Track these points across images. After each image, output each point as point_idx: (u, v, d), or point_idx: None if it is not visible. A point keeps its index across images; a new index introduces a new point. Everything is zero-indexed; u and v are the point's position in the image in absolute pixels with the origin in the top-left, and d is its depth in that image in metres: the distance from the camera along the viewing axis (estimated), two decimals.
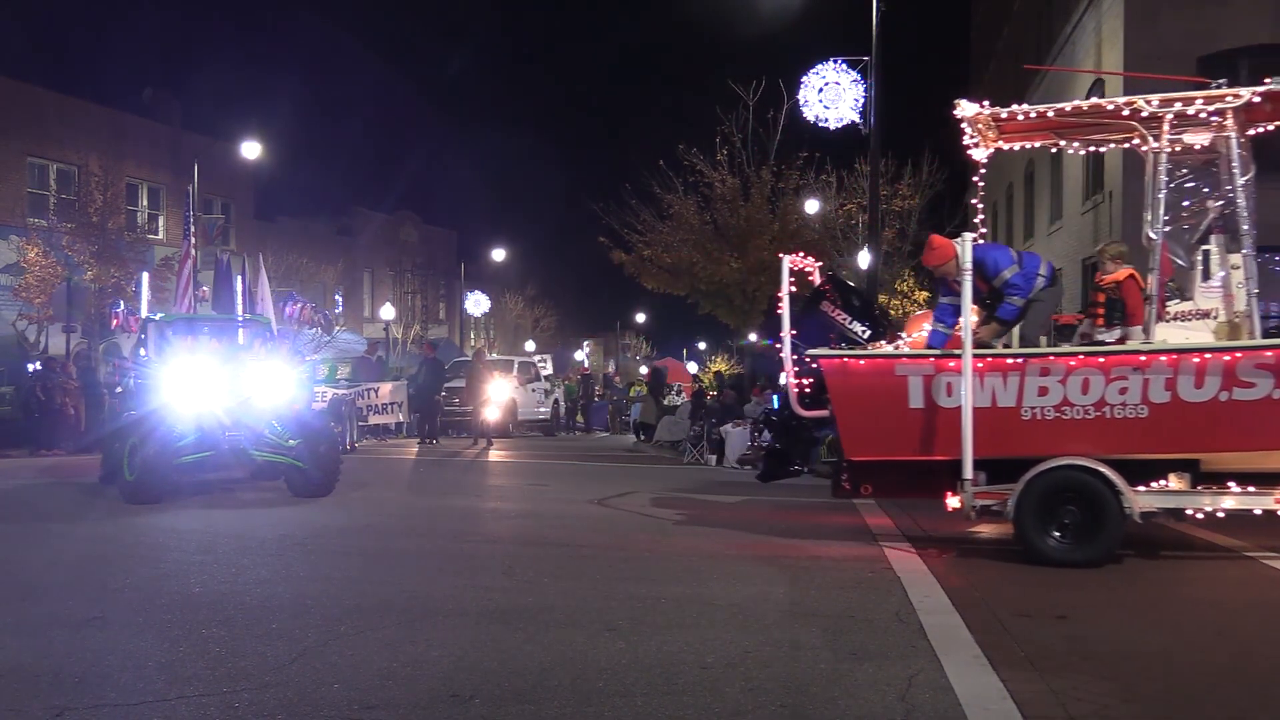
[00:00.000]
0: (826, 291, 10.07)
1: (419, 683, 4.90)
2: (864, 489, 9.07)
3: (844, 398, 8.66)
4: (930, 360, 8.49)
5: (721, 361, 64.62)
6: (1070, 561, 8.02)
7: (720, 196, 27.44)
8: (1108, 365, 8.12)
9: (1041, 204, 24.56)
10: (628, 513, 11.38)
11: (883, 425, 8.57)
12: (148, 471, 10.99)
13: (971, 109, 8.97)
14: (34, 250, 25.65)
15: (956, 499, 8.35)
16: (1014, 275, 8.76)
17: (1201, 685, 5.08)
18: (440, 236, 56.47)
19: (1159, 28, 17.29)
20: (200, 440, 11.49)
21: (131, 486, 11.12)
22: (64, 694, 4.69)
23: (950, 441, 8.23)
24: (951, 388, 8.29)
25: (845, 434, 8.77)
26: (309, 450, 11.86)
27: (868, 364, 8.72)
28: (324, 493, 11.83)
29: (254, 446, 11.87)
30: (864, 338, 9.70)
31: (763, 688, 4.87)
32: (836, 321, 9.81)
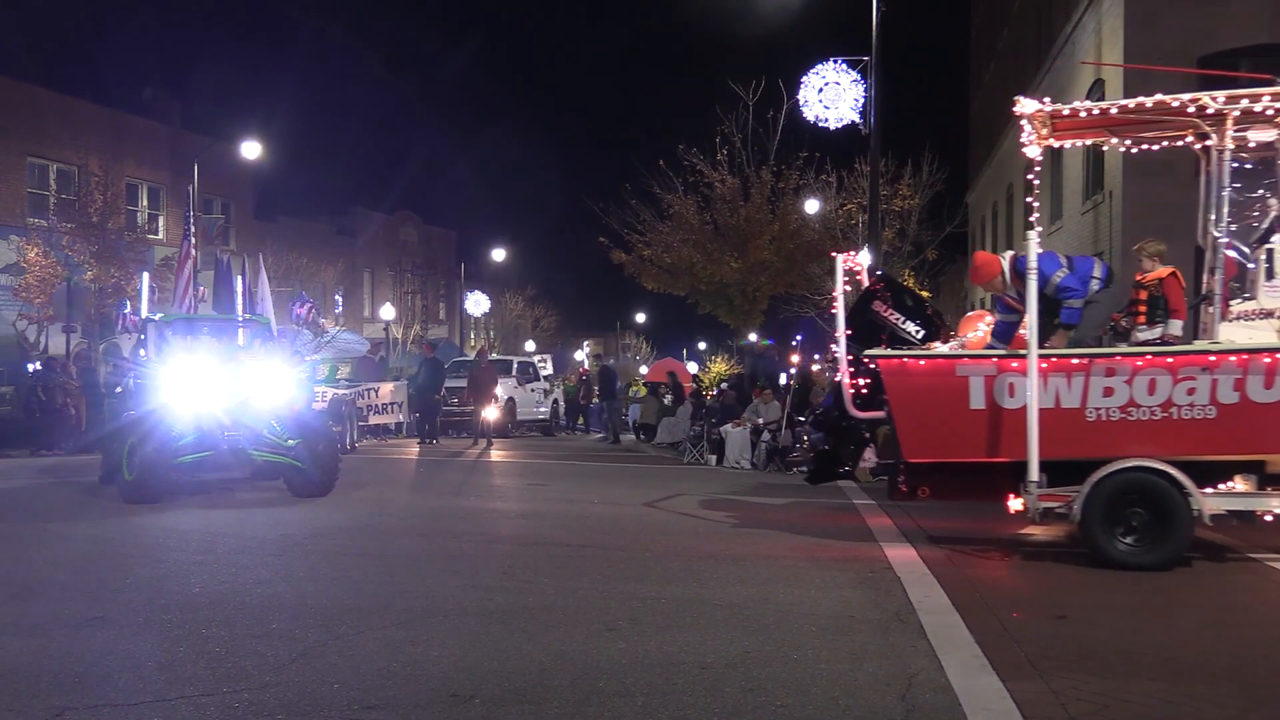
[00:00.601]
0: (878, 291, 9.86)
1: (419, 683, 4.90)
2: (921, 492, 8.89)
3: (903, 399, 8.52)
4: (993, 361, 8.36)
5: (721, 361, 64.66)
6: (1138, 565, 7.86)
7: (720, 196, 27.45)
8: (1176, 366, 7.99)
9: (1042, 204, 24.49)
10: (627, 513, 11.38)
11: (942, 427, 8.43)
12: (147, 471, 10.96)
13: (1031, 105, 8.73)
14: (34, 250, 25.65)
15: (1019, 501, 8.20)
16: (1064, 279, 8.61)
17: (1201, 685, 5.08)
18: (440, 236, 56.48)
19: (1159, 28, 17.28)
20: (199, 440, 11.45)
21: (131, 486, 11.09)
22: (64, 694, 4.69)
23: (1012, 443, 8.10)
24: (1014, 388, 8.16)
25: (903, 435, 8.61)
26: (308, 450, 11.82)
27: (928, 364, 8.57)
28: (323, 493, 11.79)
29: (253, 446, 11.83)
30: (918, 338, 9.51)
31: (763, 688, 4.86)
32: (889, 321, 9.63)
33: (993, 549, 9.29)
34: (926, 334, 9.58)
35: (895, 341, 9.43)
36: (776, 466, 16.59)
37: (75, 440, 18.67)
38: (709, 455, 18.24)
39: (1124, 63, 17.53)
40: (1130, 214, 17.32)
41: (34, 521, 10.30)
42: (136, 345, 14.15)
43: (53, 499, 12.29)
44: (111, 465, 11.94)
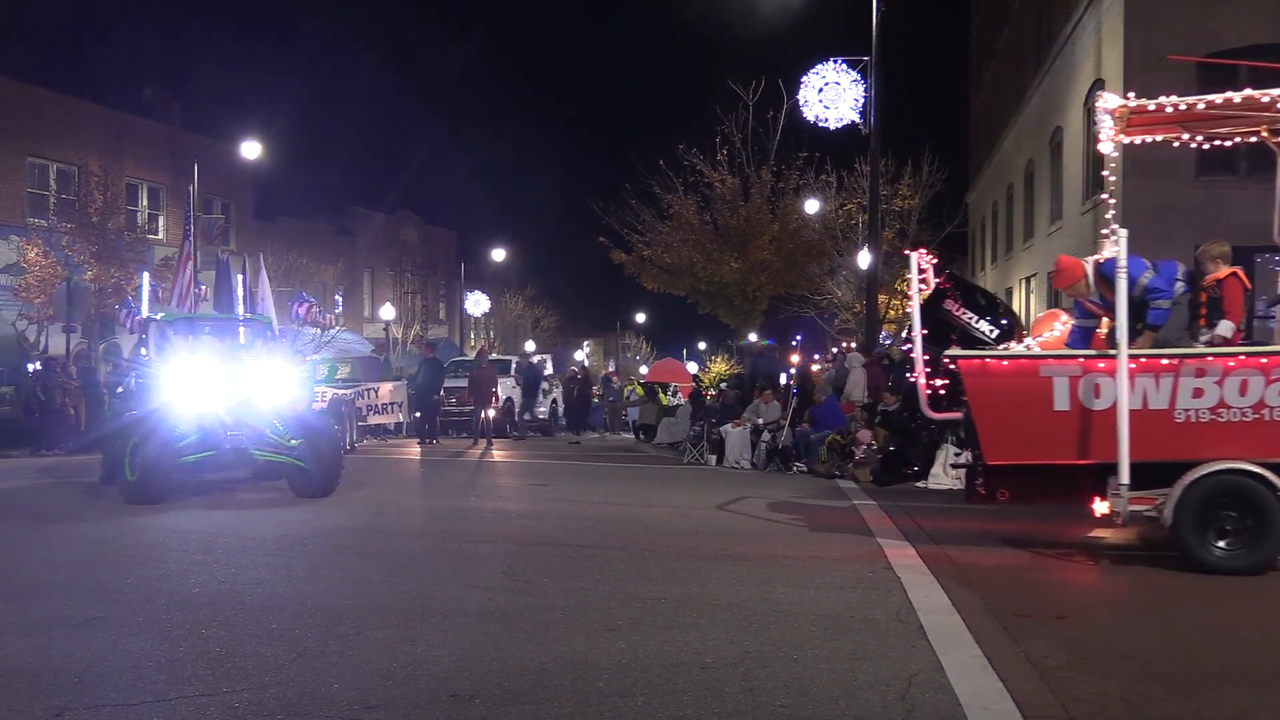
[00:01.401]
0: (948, 290, 9.66)
1: (419, 683, 4.90)
2: (1000, 494, 8.71)
3: (984, 400, 8.38)
4: (1078, 361, 8.24)
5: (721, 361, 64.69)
6: (1233, 569, 7.71)
7: (720, 196, 27.47)
8: (1269, 366, 7.86)
9: (1042, 204, 24.56)
10: (628, 513, 11.38)
11: (1024, 428, 8.29)
12: (149, 472, 10.90)
13: (1115, 100, 8.64)
14: (34, 250, 25.66)
15: (1105, 504, 8.09)
16: (1152, 280, 8.45)
17: (1201, 685, 5.08)
18: (440, 236, 56.48)
19: (1159, 28, 17.28)
20: (202, 440, 11.39)
21: (133, 487, 11.04)
22: (64, 694, 4.69)
23: (1098, 445, 8.00)
24: (1100, 389, 8.06)
25: (984, 437, 8.44)
26: (310, 450, 11.76)
27: (1010, 365, 8.44)
28: (325, 493, 11.75)
29: (255, 446, 11.78)
30: (992, 337, 9.33)
31: (763, 688, 4.86)
32: (960, 320, 9.44)
33: (993, 549, 9.29)
34: (1001, 333, 9.37)
35: (966, 341, 9.22)
36: (776, 466, 16.59)
37: (75, 440, 18.67)
38: (709, 455, 18.23)
39: (1124, 63, 17.54)
40: (1131, 214, 17.30)
41: (35, 522, 10.29)
42: (138, 345, 14.08)
43: (54, 499, 12.26)
44: (113, 465, 11.91)
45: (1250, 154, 17.47)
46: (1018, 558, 8.90)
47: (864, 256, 24.53)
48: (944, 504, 12.54)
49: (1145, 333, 8.44)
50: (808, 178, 27.95)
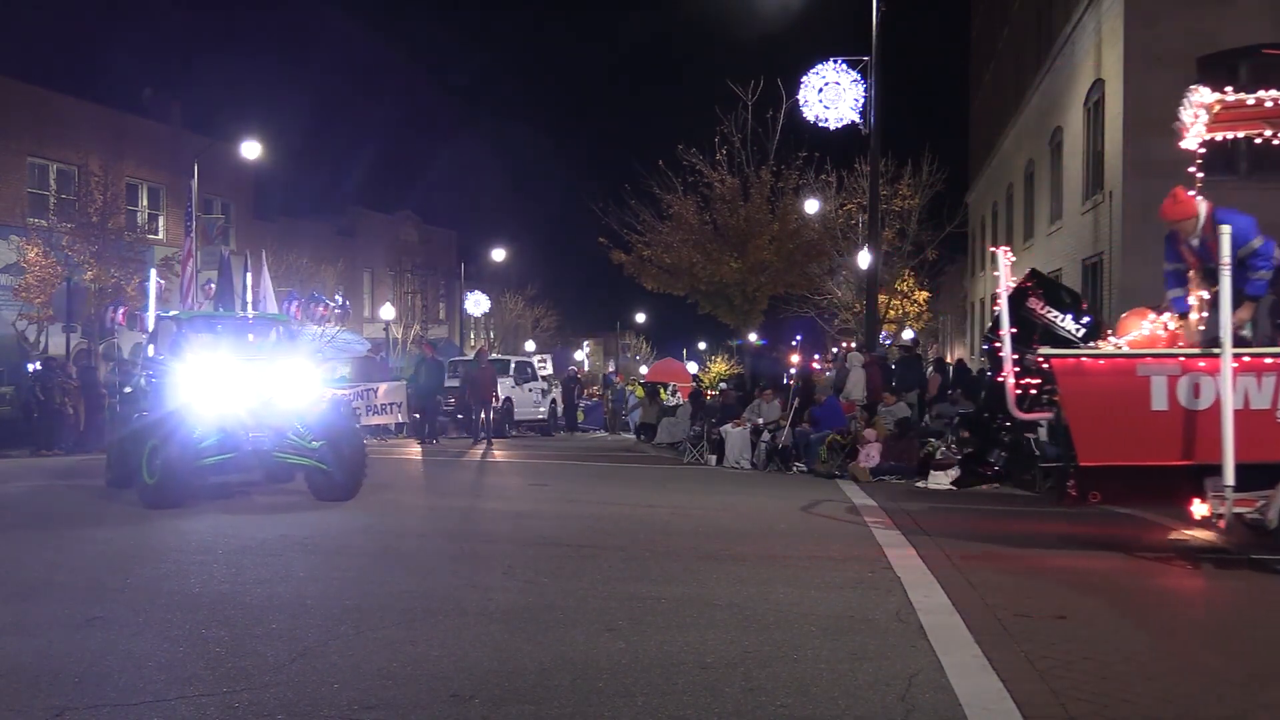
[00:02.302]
0: (1029, 288, 9.47)
1: (419, 683, 4.90)
2: (1092, 496, 8.56)
3: (1078, 400, 8.26)
4: (1177, 360, 8.11)
5: (721, 361, 64.73)
6: None
7: (720, 196, 27.47)
8: None
9: (1042, 204, 24.56)
10: (628, 513, 11.38)
11: (1121, 428, 8.15)
12: (169, 474, 10.60)
13: (1210, 95, 8.45)
14: (34, 250, 25.65)
15: (1204, 506, 7.97)
16: (1263, 244, 8.18)
17: (1201, 685, 5.08)
18: (440, 236, 56.47)
19: (1159, 28, 17.29)
20: (222, 442, 11.09)
21: (152, 490, 10.74)
22: (64, 694, 4.68)
23: (1197, 445, 7.90)
24: (1200, 389, 7.94)
25: (1078, 438, 8.30)
26: (333, 452, 11.45)
27: (1107, 364, 8.31)
28: (348, 496, 11.42)
29: (277, 448, 11.46)
30: (1078, 336, 9.17)
31: (763, 688, 4.86)
32: (1045, 319, 9.27)
33: (993, 549, 9.29)
34: (1087, 331, 9.20)
35: (1049, 340, 9.05)
36: (776, 466, 16.60)
37: (75, 440, 18.67)
38: (709, 455, 18.24)
39: (1124, 63, 17.54)
40: (1130, 214, 17.32)
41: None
42: (147, 344, 13.77)
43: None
44: (128, 468, 11.58)
45: (1250, 154, 17.48)
46: (1018, 558, 8.90)
47: (864, 256, 24.53)
48: (944, 504, 12.55)
49: (1245, 303, 8.19)
50: (807, 178, 27.96)
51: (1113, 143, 18.18)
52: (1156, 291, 17.84)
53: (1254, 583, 7.89)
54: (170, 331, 12.80)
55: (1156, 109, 17.14)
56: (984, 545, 9.45)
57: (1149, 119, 17.16)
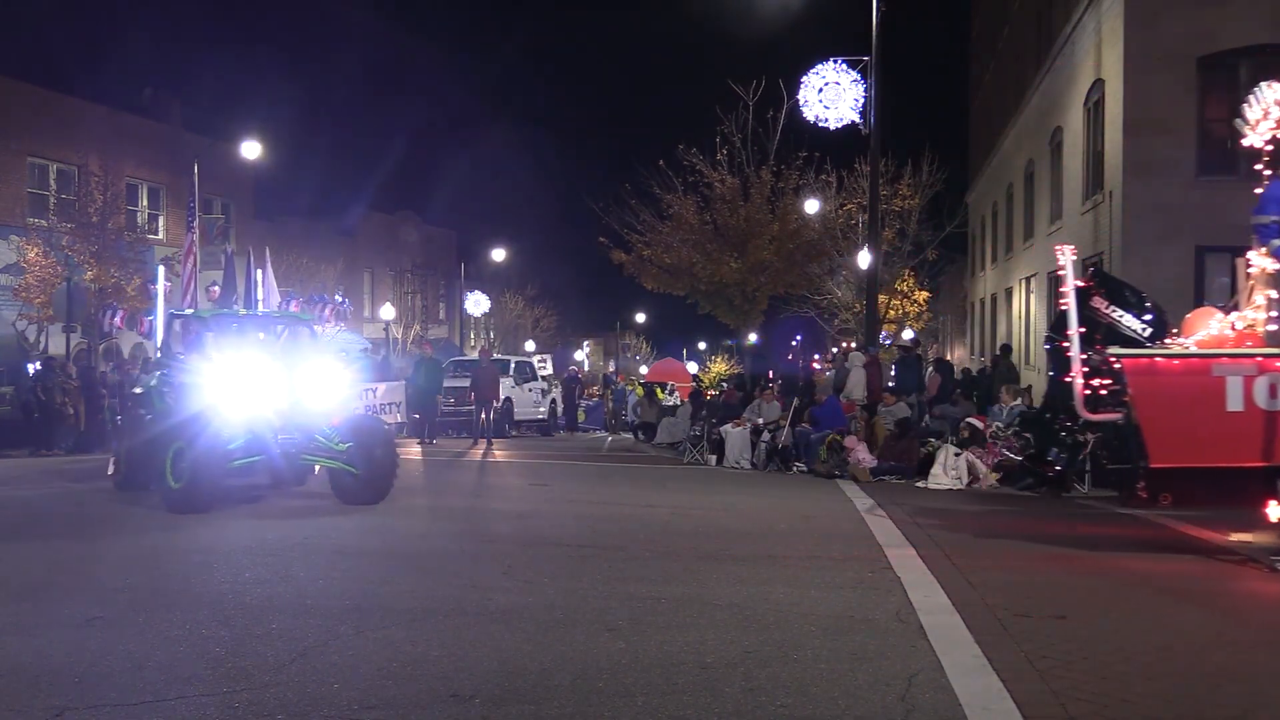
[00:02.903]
0: (1092, 287, 9.32)
1: (419, 683, 4.90)
2: (1163, 498, 8.50)
3: (1150, 400, 8.18)
4: (1254, 360, 8.03)
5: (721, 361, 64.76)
6: None
7: (720, 196, 27.47)
8: None
9: (1042, 204, 24.56)
10: (628, 513, 11.38)
11: (1194, 430, 8.08)
12: (197, 478, 10.20)
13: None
14: (34, 250, 25.64)
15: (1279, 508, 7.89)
16: None
17: (1201, 685, 5.08)
18: (440, 236, 56.46)
19: (1159, 28, 17.28)
20: (249, 444, 10.72)
21: (178, 494, 10.32)
22: (64, 694, 4.69)
23: (1275, 447, 7.82)
24: (1277, 389, 7.88)
25: (1150, 439, 8.22)
26: (363, 454, 11.10)
27: (1181, 364, 8.25)
28: (376, 499, 11.09)
29: (305, 450, 11.11)
30: (1144, 335, 9.07)
31: (763, 688, 4.87)
32: (1109, 318, 9.13)
33: (993, 549, 9.29)
34: (1153, 331, 9.08)
35: (1113, 339, 8.96)
36: (776, 466, 16.60)
37: (75, 440, 18.66)
38: (709, 455, 18.24)
39: (1124, 63, 17.53)
40: (1130, 214, 17.32)
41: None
42: (161, 343, 13.26)
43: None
44: (144, 471, 11.24)
45: (1250, 154, 17.46)
46: (1018, 558, 8.91)
47: (864, 256, 24.52)
48: (944, 504, 12.55)
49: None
50: (807, 178, 27.95)
51: (1113, 143, 18.17)
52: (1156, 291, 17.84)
53: (1255, 583, 7.89)
54: (185, 331, 12.40)
55: (1156, 109, 17.20)
56: (984, 545, 9.46)
57: (1149, 119, 17.18)
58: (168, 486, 10.48)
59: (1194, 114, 17.03)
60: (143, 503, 10.92)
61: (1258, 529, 8.85)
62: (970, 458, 14.43)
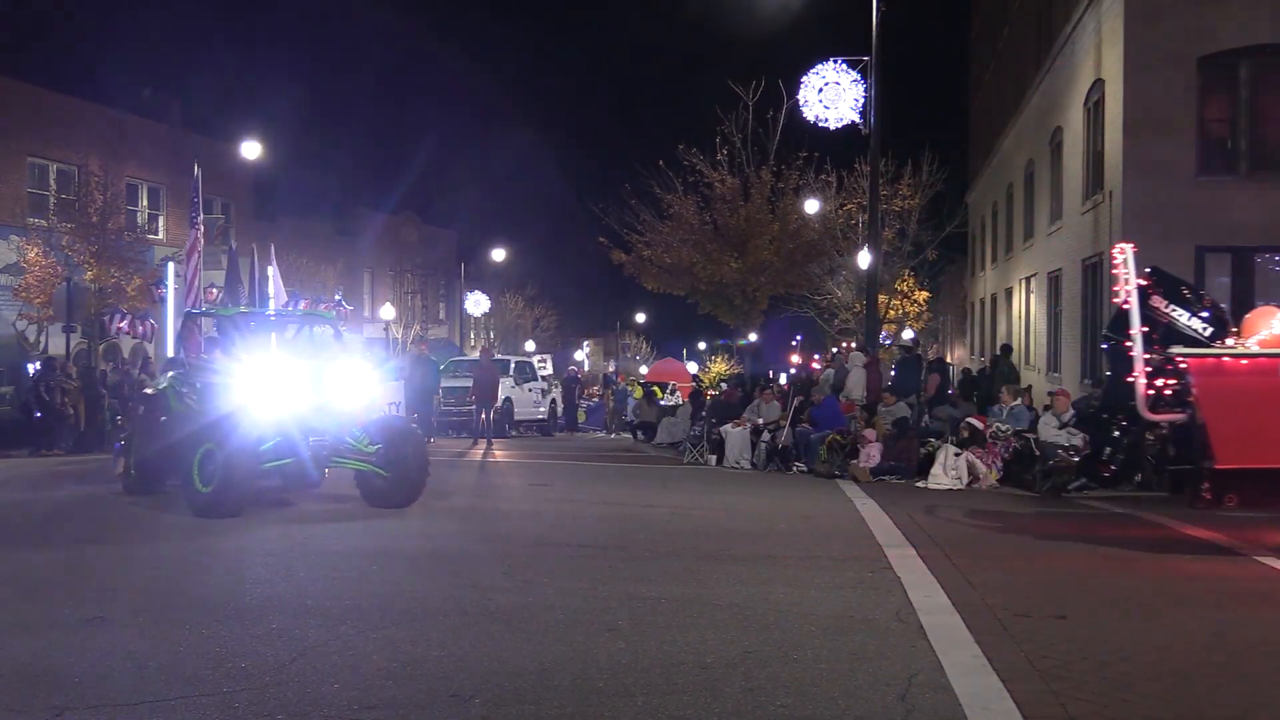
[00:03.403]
0: (1150, 286, 9.21)
1: (419, 683, 4.90)
2: (1229, 500, 8.41)
3: (1216, 400, 8.10)
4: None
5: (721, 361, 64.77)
6: None
7: (720, 196, 27.47)
8: None
9: (1042, 204, 24.55)
10: (628, 513, 11.37)
11: (1262, 430, 7.99)
12: (229, 482, 9.82)
13: None
14: (34, 250, 25.63)
15: None
16: None
17: (1201, 685, 5.08)
18: (440, 236, 56.46)
19: (1159, 28, 17.27)
20: (279, 446, 10.41)
21: (206, 499, 9.92)
22: (64, 694, 4.69)
23: None
24: None
25: (1216, 440, 8.15)
26: (395, 456, 10.85)
27: (1249, 364, 8.17)
28: (407, 502, 10.86)
29: (335, 452, 10.86)
30: (1205, 335, 8.96)
31: (763, 688, 4.87)
32: (1168, 317, 9.02)
33: (993, 549, 9.29)
34: (1214, 330, 8.97)
35: (1171, 339, 8.87)
36: (776, 466, 16.59)
37: (75, 440, 18.65)
38: (709, 455, 18.23)
39: (1124, 63, 17.53)
40: (1130, 214, 17.31)
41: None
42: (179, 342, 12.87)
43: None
44: (160, 474, 11.09)
45: (1250, 154, 17.49)
46: (1018, 558, 8.91)
47: (864, 256, 24.53)
48: (944, 504, 12.54)
49: None
50: (808, 178, 27.94)
51: (1113, 143, 18.16)
52: None
53: (1255, 583, 7.89)
54: (202, 330, 12.12)
55: (1156, 109, 17.19)
56: (984, 545, 9.45)
57: (1149, 119, 17.17)
58: (194, 490, 10.09)
59: (1194, 114, 17.02)
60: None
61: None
62: (970, 458, 14.42)
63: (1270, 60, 16.91)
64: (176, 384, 11.93)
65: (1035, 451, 14.17)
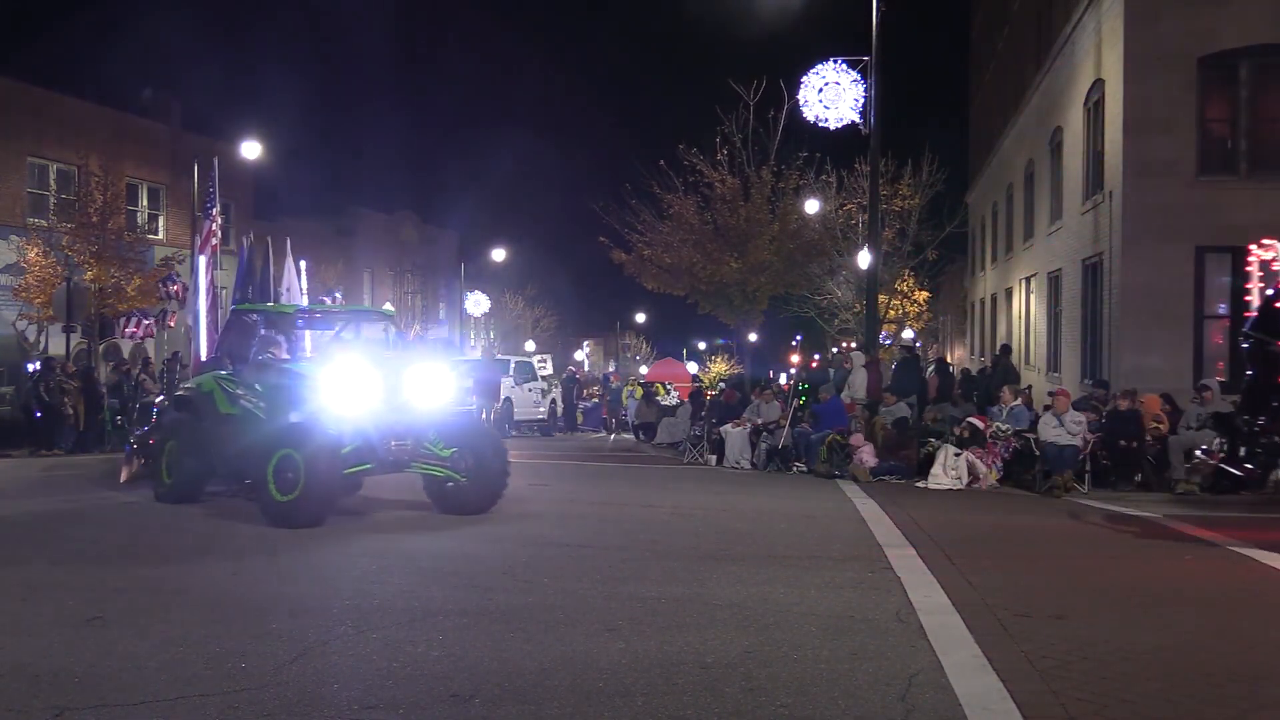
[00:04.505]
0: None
1: (419, 683, 4.90)
2: None
3: None
4: None
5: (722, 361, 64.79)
6: None
7: (720, 196, 27.44)
8: None
9: (1042, 204, 24.55)
10: (628, 513, 11.37)
11: None
12: (315, 489, 9.26)
13: None
14: (34, 250, 25.64)
15: None
16: None
17: (1201, 685, 5.08)
18: (440, 236, 56.49)
19: (1159, 28, 17.27)
20: (359, 451, 9.90)
21: (285, 507, 9.37)
22: (64, 694, 4.69)
23: None
24: None
25: None
26: (473, 461, 10.45)
27: None
28: (484, 509, 10.44)
29: (415, 457, 10.46)
30: None
31: (763, 688, 4.87)
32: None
33: (993, 549, 9.29)
34: None
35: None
36: (776, 466, 16.60)
37: (75, 440, 18.64)
38: (709, 455, 18.24)
39: (1124, 62, 17.53)
40: (1130, 214, 17.32)
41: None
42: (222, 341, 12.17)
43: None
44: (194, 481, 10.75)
45: (1250, 154, 17.49)
46: (1018, 558, 8.91)
47: (864, 256, 24.51)
48: (944, 504, 12.55)
49: None
50: (808, 178, 27.92)
51: (1113, 143, 18.16)
52: (1156, 291, 17.83)
53: (1254, 582, 7.89)
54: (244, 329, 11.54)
55: (1156, 109, 17.19)
56: (984, 545, 9.45)
57: (1149, 119, 17.17)
58: (271, 498, 9.53)
59: (1194, 114, 17.03)
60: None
61: None
62: (970, 458, 14.42)
63: (1270, 60, 16.90)
64: (226, 385, 11.17)
65: (1035, 451, 14.18)
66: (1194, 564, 8.66)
